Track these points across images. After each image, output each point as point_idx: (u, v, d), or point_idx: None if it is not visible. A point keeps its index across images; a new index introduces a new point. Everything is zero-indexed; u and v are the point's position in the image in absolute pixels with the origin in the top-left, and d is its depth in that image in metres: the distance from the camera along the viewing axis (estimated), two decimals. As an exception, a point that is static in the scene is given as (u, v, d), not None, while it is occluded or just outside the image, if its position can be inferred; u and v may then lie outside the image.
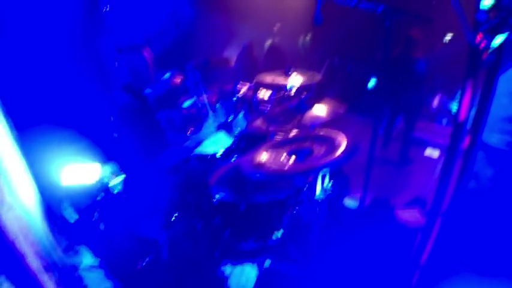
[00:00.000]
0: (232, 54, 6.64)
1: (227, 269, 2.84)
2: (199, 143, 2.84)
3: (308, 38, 8.33)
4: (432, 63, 4.94)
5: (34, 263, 1.65)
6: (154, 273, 2.89)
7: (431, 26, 4.83)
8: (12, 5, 3.23)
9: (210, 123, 2.85)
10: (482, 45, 1.44)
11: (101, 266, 2.78)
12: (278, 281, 2.80)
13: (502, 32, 1.38)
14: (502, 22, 1.36)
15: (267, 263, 2.84)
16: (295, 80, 3.41)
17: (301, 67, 3.56)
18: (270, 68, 3.73)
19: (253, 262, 2.85)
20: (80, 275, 2.62)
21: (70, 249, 2.82)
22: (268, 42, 7.46)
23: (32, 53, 3.36)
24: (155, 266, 2.92)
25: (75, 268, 2.66)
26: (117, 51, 2.71)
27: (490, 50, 1.44)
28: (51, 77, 3.50)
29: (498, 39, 1.41)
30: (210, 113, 3.10)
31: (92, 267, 2.75)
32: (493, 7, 1.35)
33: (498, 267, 2.43)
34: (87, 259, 2.80)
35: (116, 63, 2.71)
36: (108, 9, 4.28)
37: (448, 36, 6.57)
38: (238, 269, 2.83)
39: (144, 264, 2.92)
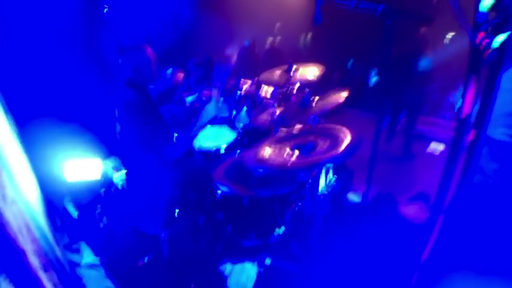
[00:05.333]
0: (233, 53, 6.65)
1: (227, 267, 2.83)
2: (200, 129, 2.82)
3: (308, 37, 8.32)
4: (435, 61, 4.95)
5: (34, 261, 1.63)
6: (155, 271, 2.89)
7: (433, 25, 4.84)
8: (14, 2, 3.24)
9: (210, 108, 2.81)
10: (483, 44, 1.44)
11: (101, 264, 2.78)
12: (279, 279, 2.79)
13: (502, 33, 1.38)
14: (502, 22, 1.36)
15: (268, 261, 2.84)
16: (297, 77, 3.40)
17: (302, 64, 3.55)
18: (271, 67, 3.72)
19: (254, 260, 2.85)
20: (80, 274, 2.61)
21: (71, 246, 2.82)
22: (268, 41, 7.46)
23: (34, 48, 3.37)
24: (156, 264, 2.92)
25: (75, 266, 2.65)
26: (118, 51, 2.69)
27: (491, 49, 1.44)
28: (52, 72, 3.50)
29: (499, 39, 1.41)
30: (212, 103, 3.08)
31: (93, 265, 2.75)
32: (493, 7, 1.35)
33: (502, 265, 2.41)
34: (87, 257, 2.79)
35: (120, 61, 2.70)
36: (107, 8, 4.29)
37: (450, 35, 6.59)
38: (238, 267, 2.83)
39: (145, 261, 2.92)
